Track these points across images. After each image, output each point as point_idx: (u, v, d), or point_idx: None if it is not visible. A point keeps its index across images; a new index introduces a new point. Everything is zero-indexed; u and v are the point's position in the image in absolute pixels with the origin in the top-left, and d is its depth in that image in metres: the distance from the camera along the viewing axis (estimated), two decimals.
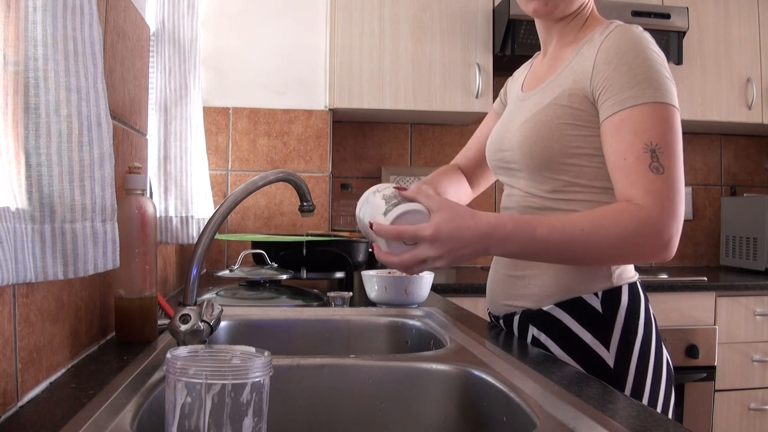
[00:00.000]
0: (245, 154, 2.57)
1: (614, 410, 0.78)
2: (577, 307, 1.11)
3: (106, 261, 0.80)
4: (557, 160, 1.12)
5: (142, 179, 1.12)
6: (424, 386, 0.99)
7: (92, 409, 0.73)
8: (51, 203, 0.72)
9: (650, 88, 1.03)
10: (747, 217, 2.81)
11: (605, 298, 1.11)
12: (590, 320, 1.10)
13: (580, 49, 1.14)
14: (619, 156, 1.04)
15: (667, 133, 1.02)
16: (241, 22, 2.60)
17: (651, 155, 1.01)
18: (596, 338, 1.09)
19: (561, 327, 1.12)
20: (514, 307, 1.20)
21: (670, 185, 1.00)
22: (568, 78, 1.12)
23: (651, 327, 1.13)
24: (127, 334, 1.11)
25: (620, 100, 1.04)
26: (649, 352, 1.10)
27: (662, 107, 1.03)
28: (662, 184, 1.00)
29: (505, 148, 1.22)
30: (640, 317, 1.11)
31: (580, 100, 1.10)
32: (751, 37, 2.76)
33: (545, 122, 1.12)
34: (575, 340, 1.10)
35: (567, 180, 1.12)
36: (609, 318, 1.10)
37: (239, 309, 1.45)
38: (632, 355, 1.09)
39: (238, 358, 0.67)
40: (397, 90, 2.52)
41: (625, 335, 1.09)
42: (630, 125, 1.03)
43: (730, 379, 2.39)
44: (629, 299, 1.12)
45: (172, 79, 1.66)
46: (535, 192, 1.16)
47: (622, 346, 1.09)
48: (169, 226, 1.64)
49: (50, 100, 0.71)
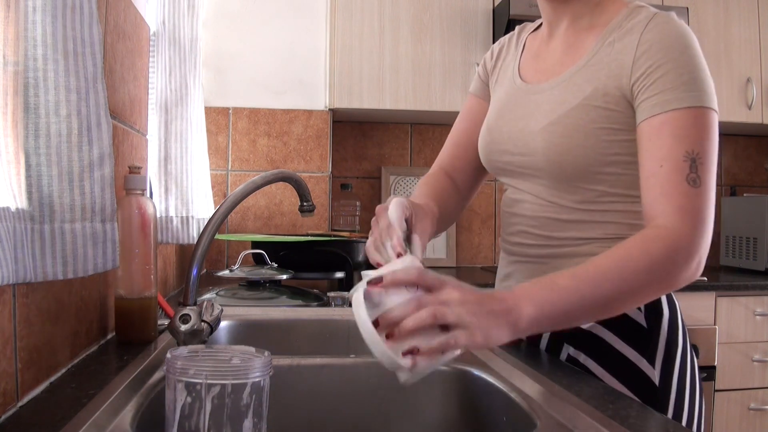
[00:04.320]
0: (245, 154, 2.57)
1: (614, 410, 0.78)
2: (621, 324, 1.02)
3: (105, 261, 0.80)
4: (593, 169, 1.01)
5: (142, 179, 1.12)
6: (424, 386, 0.99)
7: (92, 409, 0.73)
8: (50, 203, 0.72)
9: (695, 90, 0.95)
10: (747, 217, 2.81)
11: (648, 312, 1.03)
12: (634, 336, 1.02)
13: (608, 37, 1.02)
14: (655, 162, 0.94)
15: (708, 142, 0.94)
16: (241, 22, 2.60)
17: (690, 165, 0.92)
18: (641, 354, 1.01)
19: (602, 345, 1.02)
20: None
21: (704, 201, 0.92)
22: (600, 72, 1.01)
23: (686, 336, 1.06)
24: (127, 334, 1.11)
25: (663, 101, 0.95)
26: (686, 363, 1.04)
27: (705, 112, 0.95)
28: (696, 199, 0.92)
29: (519, 152, 1.08)
30: (679, 327, 1.05)
31: (617, 100, 0.99)
32: (751, 37, 2.76)
33: (578, 127, 1.01)
34: (619, 358, 1.01)
35: (602, 190, 1.02)
36: (653, 332, 1.02)
37: (239, 309, 1.45)
38: (674, 369, 1.02)
39: (238, 358, 0.67)
40: (397, 90, 2.52)
41: (668, 348, 1.02)
42: (671, 130, 0.94)
43: (730, 379, 2.39)
44: (669, 309, 1.04)
45: (172, 79, 1.66)
46: (561, 202, 1.05)
47: (665, 360, 1.02)
48: (169, 226, 1.64)
49: (50, 100, 0.71)
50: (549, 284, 0.88)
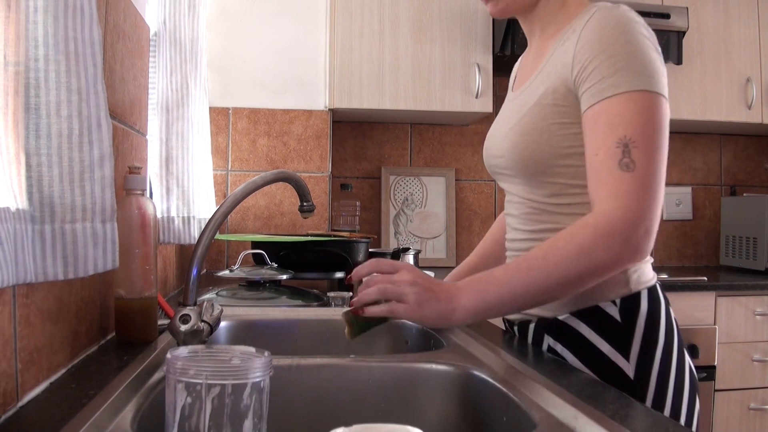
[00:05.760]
0: (245, 154, 2.57)
1: (614, 410, 0.78)
2: (595, 316, 1.05)
3: (106, 261, 0.80)
4: (550, 162, 1.06)
5: (142, 179, 1.12)
6: (424, 386, 0.99)
7: (92, 409, 0.73)
8: (51, 203, 0.72)
9: (631, 75, 0.96)
10: (747, 217, 2.81)
11: (624, 306, 1.05)
12: (608, 330, 1.04)
13: (562, 38, 1.07)
14: (591, 152, 0.98)
15: (646, 125, 0.95)
16: (240, 22, 2.60)
17: (623, 150, 0.94)
18: (615, 348, 1.04)
19: (577, 337, 1.06)
20: (530, 316, 1.14)
21: (640, 182, 0.94)
22: (551, 73, 1.06)
23: (672, 333, 1.07)
24: (127, 334, 1.11)
25: (598, 90, 0.97)
26: (670, 361, 1.04)
27: (643, 95, 0.96)
28: (630, 183, 0.94)
29: (497, 155, 1.16)
30: (660, 324, 1.06)
31: (564, 95, 1.03)
32: (751, 37, 2.76)
33: (532, 125, 1.06)
34: (593, 351, 1.05)
35: (564, 182, 1.07)
36: (628, 327, 1.04)
37: (239, 309, 1.45)
38: (653, 365, 1.03)
39: (238, 359, 0.67)
40: (397, 90, 2.52)
41: (646, 344, 1.04)
42: (605, 118, 0.96)
43: (730, 378, 2.39)
44: (649, 305, 1.06)
45: (173, 80, 1.66)
46: (534, 198, 1.11)
47: (642, 355, 1.03)
48: (171, 226, 1.64)
49: (51, 100, 0.71)
50: (486, 276, 1.00)
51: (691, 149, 3.10)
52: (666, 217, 3.06)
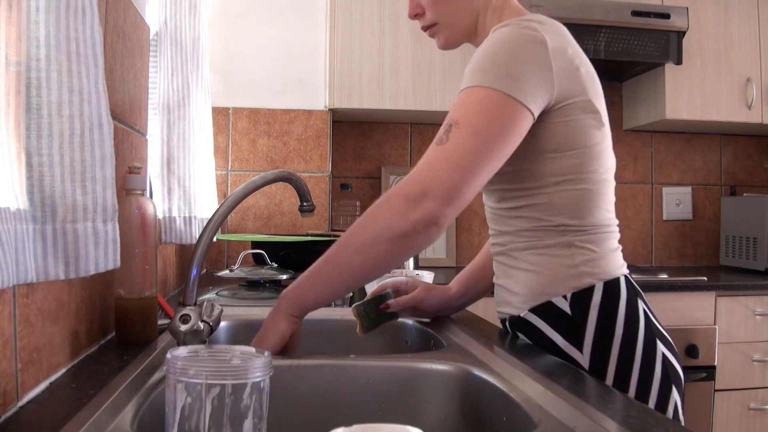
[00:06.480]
0: (245, 154, 2.57)
1: (614, 410, 0.78)
2: (547, 311, 1.10)
3: (107, 261, 0.80)
4: None
5: (142, 179, 1.12)
6: (424, 386, 0.99)
7: (92, 409, 0.73)
8: (52, 203, 0.72)
9: (483, 74, 1.01)
10: (747, 217, 2.81)
11: (574, 300, 1.08)
12: (560, 323, 1.09)
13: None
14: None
15: (476, 113, 1.00)
16: (240, 22, 2.60)
17: (445, 131, 1.00)
18: (568, 341, 1.08)
19: (536, 331, 1.11)
20: (503, 314, 1.21)
21: (444, 155, 0.98)
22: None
23: (636, 325, 1.07)
24: (127, 334, 1.11)
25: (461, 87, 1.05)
26: (632, 351, 1.05)
27: (488, 92, 1.00)
28: (434, 155, 0.99)
29: None
30: (617, 316, 1.07)
31: None
32: (751, 37, 2.76)
33: None
34: (549, 344, 1.09)
35: (504, 188, 1.12)
36: (579, 319, 1.07)
37: (239, 309, 1.45)
38: (610, 356, 1.05)
39: (238, 359, 0.67)
40: (397, 90, 2.52)
41: (600, 335, 1.06)
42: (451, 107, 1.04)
43: (730, 378, 2.39)
44: (603, 298, 1.08)
45: (174, 80, 1.66)
46: (489, 204, 1.19)
47: (597, 346, 1.06)
48: (172, 226, 1.64)
49: (52, 100, 0.71)
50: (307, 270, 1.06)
51: (691, 149, 3.10)
52: (666, 217, 3.06)
